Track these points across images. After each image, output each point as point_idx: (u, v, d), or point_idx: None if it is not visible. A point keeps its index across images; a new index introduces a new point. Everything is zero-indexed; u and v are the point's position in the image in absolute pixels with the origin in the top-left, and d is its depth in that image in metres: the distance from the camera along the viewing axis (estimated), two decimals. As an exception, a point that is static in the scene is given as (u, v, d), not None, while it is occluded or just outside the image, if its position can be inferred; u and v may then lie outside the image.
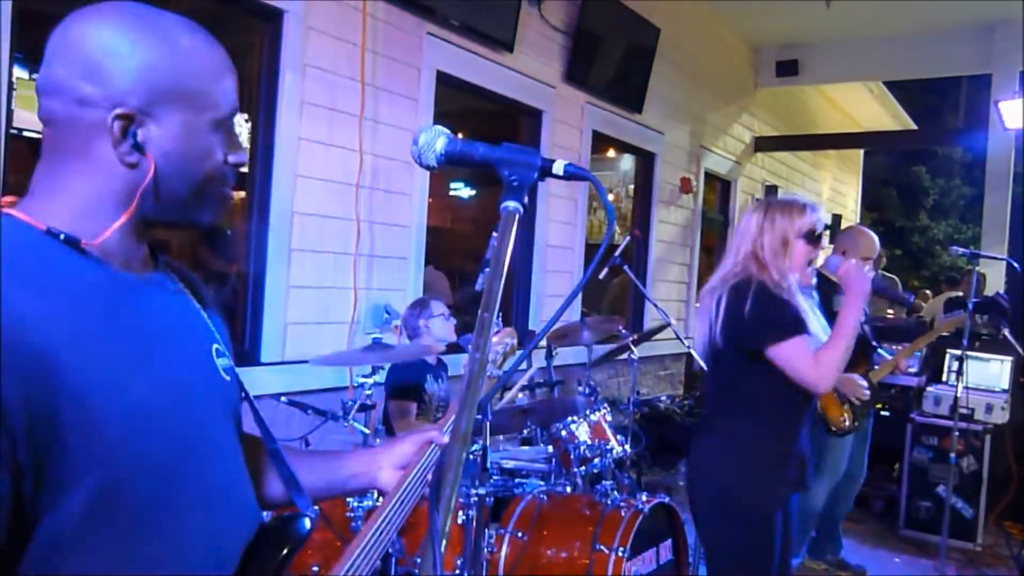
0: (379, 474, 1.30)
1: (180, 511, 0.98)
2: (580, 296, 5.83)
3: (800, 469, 2.54)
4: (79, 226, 0.96)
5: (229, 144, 1.05)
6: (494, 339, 1.37)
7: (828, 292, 2.55)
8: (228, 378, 1.12)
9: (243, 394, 1.18)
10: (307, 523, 1.12)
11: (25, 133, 3.18)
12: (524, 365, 4.06)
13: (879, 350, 4.19)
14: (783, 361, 2.38)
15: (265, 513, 1.19)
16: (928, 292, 12.11)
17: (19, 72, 3.07)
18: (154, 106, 0.97)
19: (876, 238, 4.08)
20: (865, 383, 3.85)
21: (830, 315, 2.52)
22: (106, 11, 0.97)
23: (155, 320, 1.02)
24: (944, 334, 4.31)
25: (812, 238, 2.49)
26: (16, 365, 0.83)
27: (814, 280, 2.54)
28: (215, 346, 1.12)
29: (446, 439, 1.29)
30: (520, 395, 4.54)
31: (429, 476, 1.26)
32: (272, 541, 1.09)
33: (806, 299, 2.53)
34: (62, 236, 0.94)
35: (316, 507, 1.21)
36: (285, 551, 1.09)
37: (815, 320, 2.52)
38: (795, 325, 2.40)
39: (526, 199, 0.92)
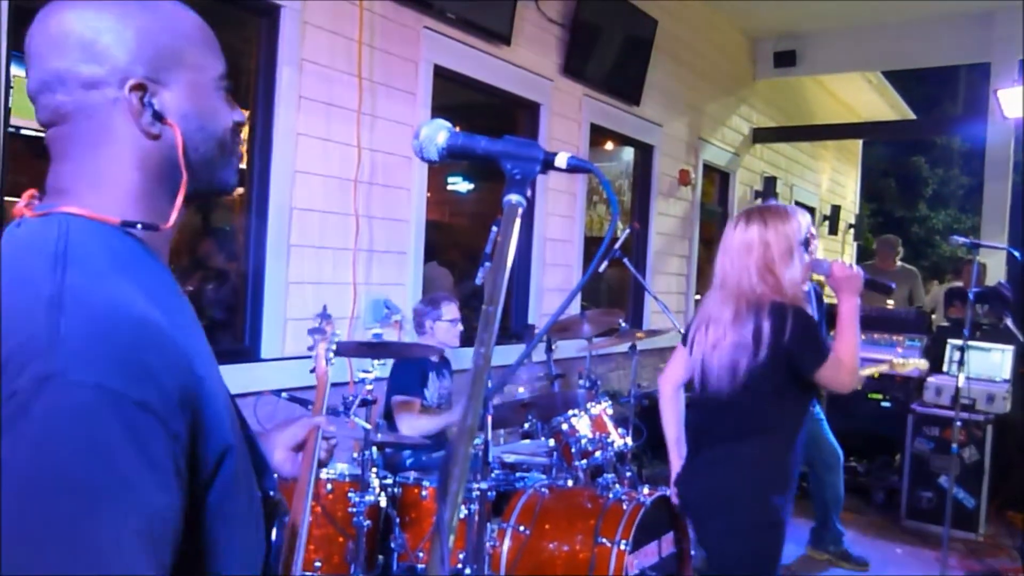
0: (273, 454, 1.39)
1: (246, 504, 0.98)
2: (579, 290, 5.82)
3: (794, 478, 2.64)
4: (135, 214, 0.93)
5: (229, 103, 1.04)
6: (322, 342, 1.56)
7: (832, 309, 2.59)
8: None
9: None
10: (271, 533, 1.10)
11: (23, 131, 3.17)
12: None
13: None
14: (829, 379, 2.44)
15: None
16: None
17: (16, 70, 3.05)
18: (160, 71, 0.94)
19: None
20: None
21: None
22: None
23: (193, 320, 1.01)
24: None
25: (808, 243, 2.49)
26: (175, 367, 0.81)
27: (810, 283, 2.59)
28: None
29: (332, 427, 1.44)
30: (520, 389, 4.55)
31: (320, 458, 1.43)
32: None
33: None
34: (139, 225, 0.92)
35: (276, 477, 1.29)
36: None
37: None
38: (828, 343, 2.49)
39: (529, 193, 0.92)
